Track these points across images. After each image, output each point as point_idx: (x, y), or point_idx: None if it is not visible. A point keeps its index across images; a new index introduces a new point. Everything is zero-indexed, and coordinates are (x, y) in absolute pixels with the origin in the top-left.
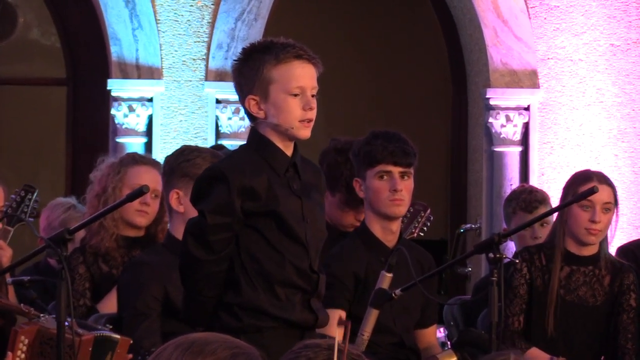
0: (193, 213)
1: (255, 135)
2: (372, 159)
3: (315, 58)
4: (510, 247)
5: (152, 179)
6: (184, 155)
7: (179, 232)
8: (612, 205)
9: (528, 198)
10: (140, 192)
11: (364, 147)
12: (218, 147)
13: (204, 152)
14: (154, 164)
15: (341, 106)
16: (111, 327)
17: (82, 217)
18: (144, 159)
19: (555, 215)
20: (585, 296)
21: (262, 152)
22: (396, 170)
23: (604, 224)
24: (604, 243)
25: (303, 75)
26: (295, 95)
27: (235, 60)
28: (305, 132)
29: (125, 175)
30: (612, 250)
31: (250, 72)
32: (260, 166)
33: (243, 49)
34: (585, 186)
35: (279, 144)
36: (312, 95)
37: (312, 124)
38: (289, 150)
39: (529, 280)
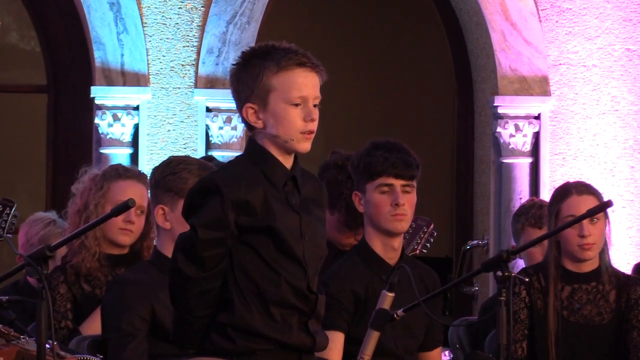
0: (180, 229)
1: (252, 146)
2: (372, 171)
3: (319, 66)
4: (520, 265)
5: (137, 195)
6: (170, 168)
7: (166, 249)
8: (600, 214)
9: (538, 213)
10: (125, 206)
11: (364, 158)
12: (208, 159)
13: (191, 165)
14: (140, 177)
15: (340, 116)
16: (101, 357)
17: (63, 233)
18: (129, 173)
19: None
20: (591, 315)
21: (260, 163)
22: (398, 183)
23: (596, 236)
24: (603, 255)
25: (305, 84)
26: (297, 105)
27: (233, 65)
28: (305, 145)
29: (108, 191)
30: (622, 263)
31: (248, 79)
32: (257, 179)
33: (242, 52)
34: (566, 202)
35: (278, 155)
36: (314, 106)
37: (312, 136)
38: (288, 163)
39: (528, 303)
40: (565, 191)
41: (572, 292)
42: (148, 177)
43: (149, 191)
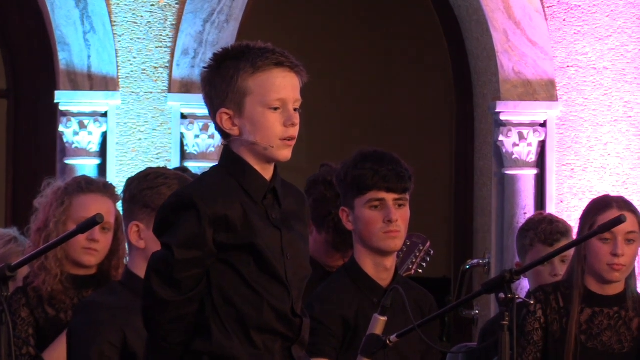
0: (155, 248)
1: (228, 156)
2: (361, 185)
3: (298, 66)
4: (524, 286)
5: (102, 210)
6: (148, 182)
7: (139, 269)
8: (637, 234)
9: (549, 229)
10: (92, 222)
11: (351, 171)
12: (181, 170)
13: (171, 179)
14: (105, 190)
15: (326, 123)
16: None
17: (25, 252)
18: (92, 186)
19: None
20: (610, 342)
21: (236, 175)
22: (390, 197)
23: (628, 257)
24: (630, 280)
25: (284, 86)
26: (275, 109)
27: (204, 67)
28: (285, 153)
29: (70, 207)
30: None
31: (222, 82)
32: (234, 192)
33: (214, 54)
34: (604, 215)
35: (256, 165)
36: (295, 110)
37: (293, 142)
38: (267, 173)
39: (544, 324)
40: (605, 203)
41: (592, 315)
42: (116, 190)
43: (115, 205)
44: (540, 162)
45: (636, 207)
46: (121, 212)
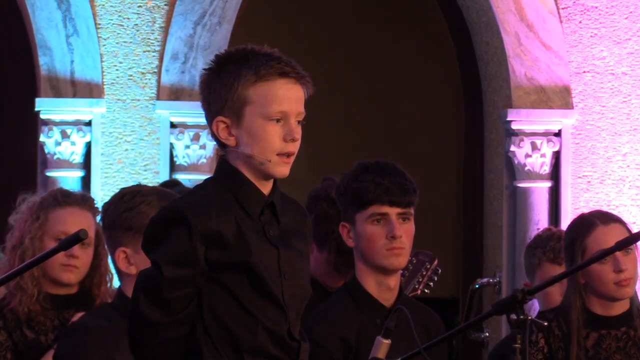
0: None
1: (223, 167)
2: (362, 199)
3: (305, 77)
4: (536, 307)
5: (81, 224)
6: (125, 203)
7: (131, 292)
8: None
9: (557, 246)
10: (75, 239)
11: (351, 184)
12: (171, 183)
13: (148, 196)
14: (83, 202)
15: (327, 132)
16: None
17: (1, 271)
18: (69, 199)
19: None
20: None
21: (232, 188)
22: (393, 211)
23: (632, 269)
24: (634, 297)
25: (287, 98)
26: (276, 121)
27: (204, 70)
28: (282, 169)
29: (45, 222)
30: None
31: (222, 88)
32: (229, 206)
33: (216, 56)
34: (592, 236)
35: (253, 179)
36: (297, 123)
37: (292, 159)
38: (266, 188)
39: (547, 354)
40: (588, 224)
41: (599, 339)
42: (95, 202)
43: (95, 218)
44: (555, 174)
45: (617, 215)
46: (100, 223)
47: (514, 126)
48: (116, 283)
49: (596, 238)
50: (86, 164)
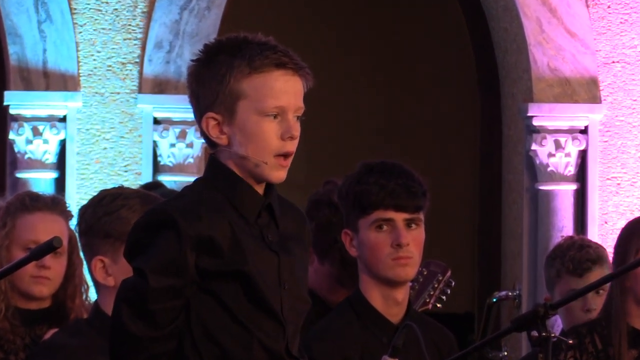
0: None
1: (214, 167)
2: (365, 203)
3: (303, 68)
4: (559, 323)
5: (53, 230)
6: (104, 207)
7: (109, 308)
8: None
9: (577, 256)
10: (49, 247)
11: (354, 186)
12: (153, 185)
13: (130, 198)
14: (54, 206)
15: (328, 130)
16: None
17: None
18: (38, 203)
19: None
20: None
21: (225, 189)
22: (399, 217)
23: None
24: None
25: (285, 91)
26: (272, 117)
27: (192, 61)
28: (279, 174)
29: (13, 230)
30: None
31: (212, 80)
32: (222, 209)
33: (205, 45)
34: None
35: (247, 179)
36: (295, 118)
37: (289, 161)
38: (261, 188)
39: None
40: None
41: (638, 358)
42: (67, 205)
43: (68, 223)
44: (581, 175)
45: None
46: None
47: (535, 122)
48: (92, 295)
49: None
50: (60, 165)
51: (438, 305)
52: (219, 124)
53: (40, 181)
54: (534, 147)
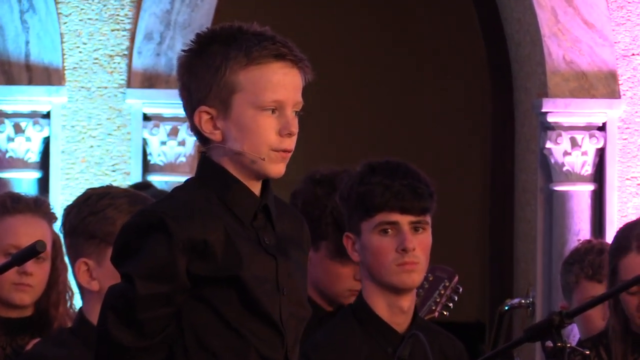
0: None
1: (207, 166)
2: (368, 204)
3: (303, 60)
4: (575, 332)
5: (36, 234)
6: (89, 206)
7: (94, 315)
8: None
9: (597, 261)
10: (32, 252)
11: (357, 187)
12: (143, 186)
13: (118, 198)
14: (36, 208)
15: (328, 127)
16: None
17: None
18: (19, 205)
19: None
20: None
21: (218, 189)
22: (405, 220)
23: None
24: None
25: (283, 85)
26: (270, 111)
27: (183, 51)
28: (278, 168)
29: None
30: None
31: (205, 72)
32: (216, 210)
33: (197, 35)
34: (625, 260)
35: (243, 179)
36: (295, 114)
37: (289, 156)
38: (256, 188)
39: None
40: (624, 244)
41: None
42: (50, 207)
43: (51, 226)
44: (598, 175)
45: None
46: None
47: (550, 118)
48: (78, 302)
49: (628, 265)
50: (44, 164)
51: (445, 313)
52: (213, 118)
53: (23, 181)
54: (548, 145)
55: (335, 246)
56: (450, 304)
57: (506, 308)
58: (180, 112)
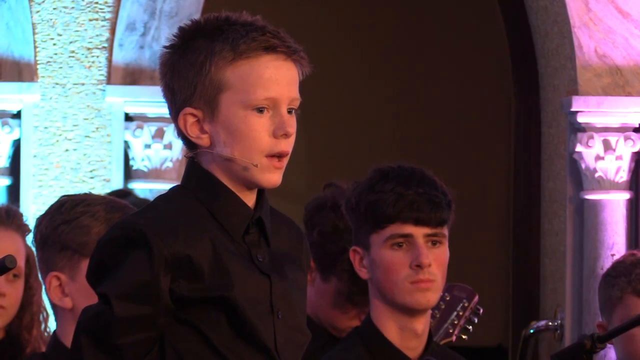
0: (88, 303)
1: (193, 172)
2: (379, 215)
3: (298, 51)
4: (612, 357)
5: (8, 248)
6: (62, 214)
7: (68, 337)
8: None
9: None
10: (2, 268)
11: (366, 195)
12: (122, 194)
13: (94, 204)
14: (8, 220)
15: (333, 130)
16: None
17: None
18: None
19: None
20: None
21: (206, 200)
22: (419, 232)
23: None
24: None
25: (276, 80)
26: (262, 110)
27: (165, 47)
28: (273, 177)
29: None
30: None
31: (189, 70)
32: (203, 223)
33: (180, 28)
34: (619, 310)
35: (234, 188)
36: (290, 112)
37: (285, 162)
38: (249, 199)
39: None
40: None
41: None
42: (24, 218)
43: (25, 240)
44: (634, 182)
45: None
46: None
47: (580, 119)
48: (53, 324)
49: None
50: (14, 169)
51: (463, 337)
52: (199, 121)
53: None
54: (578, 148)
55: (348, 291)
56: (469, 327)
57: (531, 331)
58: (167, 111)
